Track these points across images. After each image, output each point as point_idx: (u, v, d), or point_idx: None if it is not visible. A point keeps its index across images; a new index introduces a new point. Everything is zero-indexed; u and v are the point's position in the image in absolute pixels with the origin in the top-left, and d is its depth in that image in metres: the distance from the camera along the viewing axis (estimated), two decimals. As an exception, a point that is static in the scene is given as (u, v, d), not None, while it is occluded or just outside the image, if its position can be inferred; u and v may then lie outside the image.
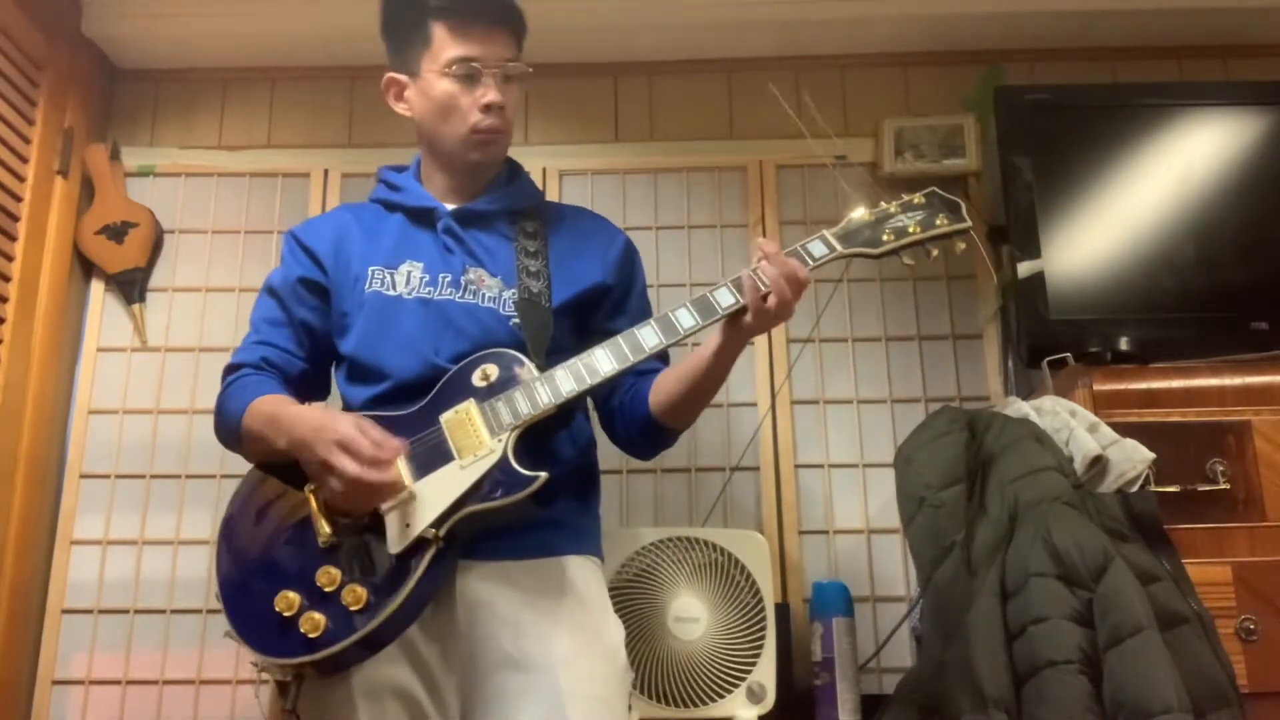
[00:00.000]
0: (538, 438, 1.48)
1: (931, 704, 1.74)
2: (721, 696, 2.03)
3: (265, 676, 2.23)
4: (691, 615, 2.08)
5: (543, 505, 1.42)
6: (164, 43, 2.66)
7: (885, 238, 1.55)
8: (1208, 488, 1.89)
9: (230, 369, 1.62)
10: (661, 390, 1.57)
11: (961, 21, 2.58)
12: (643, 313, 1.65)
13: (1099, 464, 1.83)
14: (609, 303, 1.66)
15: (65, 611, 2.40)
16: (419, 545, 1.38)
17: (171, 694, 2.36)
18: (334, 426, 1.39)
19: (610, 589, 2.06)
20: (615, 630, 1.54)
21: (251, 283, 2.62)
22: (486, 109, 1.59)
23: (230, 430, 1.54)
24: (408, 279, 1.59)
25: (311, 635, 1.35)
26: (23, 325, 2.37)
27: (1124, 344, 2.15)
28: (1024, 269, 2.23)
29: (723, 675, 2.04)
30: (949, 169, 2.57)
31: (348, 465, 1.36)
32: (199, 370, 2.56)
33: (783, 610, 2.25)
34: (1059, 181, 2.29)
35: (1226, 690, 1.62)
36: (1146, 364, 2.07)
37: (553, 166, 2.63)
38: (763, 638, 2.07)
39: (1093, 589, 1.66)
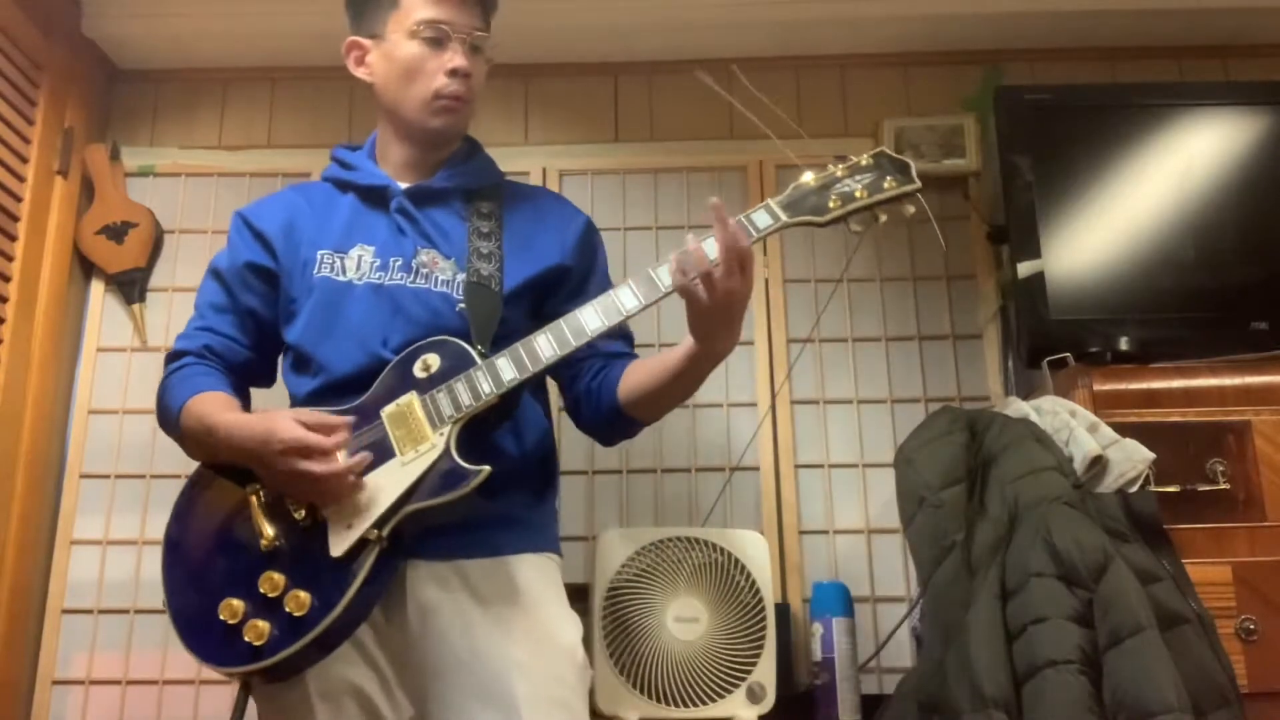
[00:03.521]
0: (483, 429, 1.43)
1: (931, 704, 1.74)
2: (721, 696, 2.03)
3: (265, 676, 2.23)
4: (691, 615, 2.08)
5: (490, 499, 1.37)
6: (164, 43, 2.66)
7: (832, 204, 1.47)
8: (1208, 488, 1.89)
9: (172, 356, 1.58)
10: (632, 383, 1.51)
11: (961, 21, 2.58)
12: None
13: (1099, 464, 1.83)
14: (567, 286, 1.59)
15: (65, 611, 2.40)
16: (362, 546, 1.33)
17: (171, 694, 2.36)
18: (278, 434, 1.34)
19: (610, 589, 2.07)
20: (572, 630, 1.48)
21: (251, 283, 2.63)
22: (453, 74, 1.54)
23: (170, 424, 1.51)
24: (358, 264, 1.53)
25: (256, 643, 1.31)
26: (23, 325, 2.37)
27: (1124, 344, 2.15)
28: (1024, 269, 2.23)
29: (723, 675, 2.04)
30: (949, 169, 2.57)
31: (313, 468, 1.32)
32: (199, 370, 2.56)
33: (783, 610, 2.25)
34: (1059, 181, 2.29)
35: (1226, 690, 1.62)
36: (1146, 364, 2.07)
37: (552, 166, 2.63)
38: (763, 638, 2.07)
39: (1093, 589, 1.66)
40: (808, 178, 1.50)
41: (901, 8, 2.55)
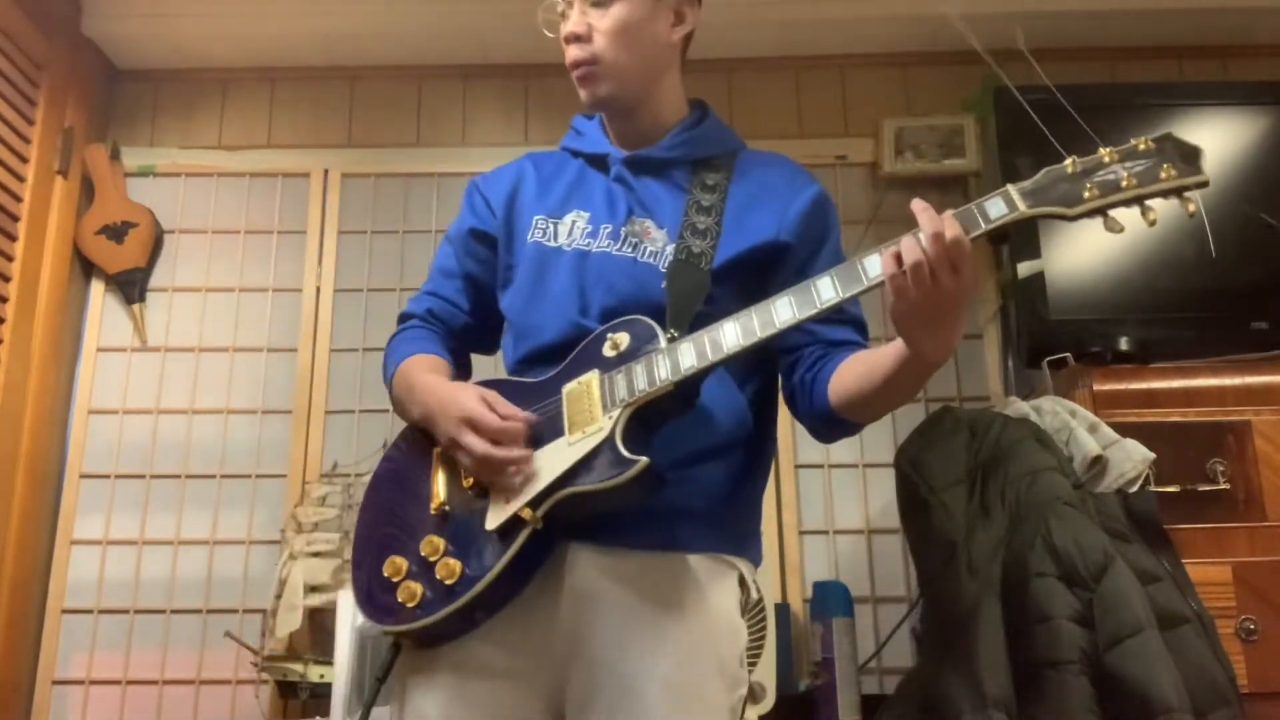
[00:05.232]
0: (662, 416, 1.33)
1: (931, 704, 1.74)
2: (721, 696, 2.02)
3: (265, 676, 2.23)
4: (692, 615, 2.07)
5: (653, 493, 1.28)
6: (164, 43, 2.66)
7: (1087, 193, 1.24)
8: (1208, 488, 1.89)
9: (400, 319, 1.60)
10: (843, 386, 1.39)
11: (961, 21, 2.58)
12: None
13: (1099, 464, 1.83)
14: (789, 265, 1.45)
15: (65, 611, 2.40)
16: (515, 524, 1.29)
17: (171, 694, 2.36)
18: (460, 402, 1.34)
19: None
20: (729, 646, 1.37)
21: (251, 283, 2.63)
22: (566, 42, 1.50)
23: (387, 385, 1.52)
24: (570, 229, 1.49)
25: (409, 605, 1.31)
26: (23, 325, 2.37)
27: (1124, 344, 2.15)
28: (1024, 269, 2.23)
29: (723, 675, 2.04)
30: (949, 169, 2.57)
31: (474, 443, 1.31)
32: (199, 370, 2.56)
33: (783, 610, 2.25)
34: (1059, 181, 2.29)
35: (1226, 690, 1.62)
36: (1146, 364, 2.07)
37: (553, 166, 2.63)
38: (763, 638, 2.07)
39: (1093, 589, 1.66)
40: (1067, 162, 1.27)
41: (901, 8, 2.55)
